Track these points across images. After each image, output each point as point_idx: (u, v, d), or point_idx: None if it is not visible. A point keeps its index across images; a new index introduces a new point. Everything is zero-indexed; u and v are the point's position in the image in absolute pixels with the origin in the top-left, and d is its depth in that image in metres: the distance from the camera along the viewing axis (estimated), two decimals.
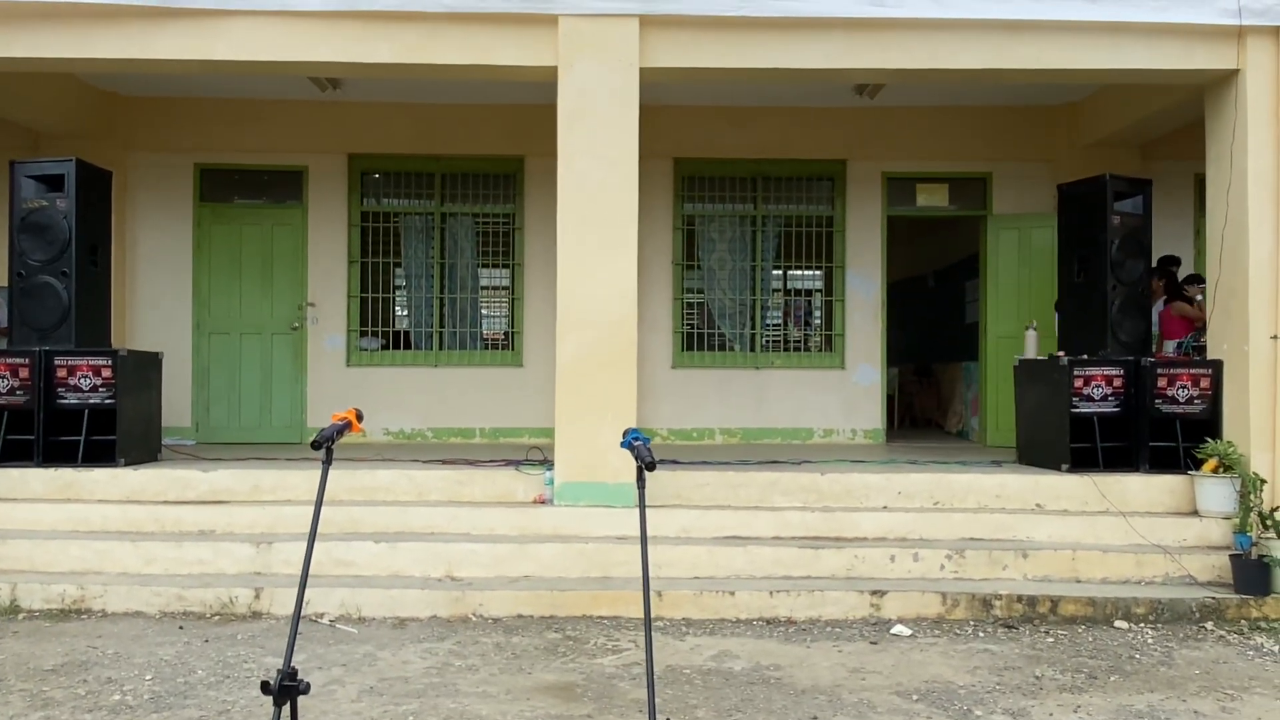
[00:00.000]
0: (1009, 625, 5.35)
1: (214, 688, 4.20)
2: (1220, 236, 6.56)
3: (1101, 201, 6.90)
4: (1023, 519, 6.18)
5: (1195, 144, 7.09)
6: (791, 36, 6.33)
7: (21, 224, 6.68)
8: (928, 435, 10.60)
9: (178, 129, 9.08)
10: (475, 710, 3.95)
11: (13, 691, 4.12)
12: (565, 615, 5.39)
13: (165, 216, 9.17)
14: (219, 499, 6.33)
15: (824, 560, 5.81)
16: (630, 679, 4.37)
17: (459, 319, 9.44)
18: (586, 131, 6.28)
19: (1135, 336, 6.99)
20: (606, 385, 6.21)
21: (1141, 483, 6.42)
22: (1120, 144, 8.82)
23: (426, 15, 6.23)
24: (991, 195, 9.38)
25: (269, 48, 6.30)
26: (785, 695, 4.18)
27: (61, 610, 5.40)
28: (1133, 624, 5.38)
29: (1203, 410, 6.65)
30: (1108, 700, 4.17)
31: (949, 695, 4.21)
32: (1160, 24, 6.28)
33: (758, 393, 9.30)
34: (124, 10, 6.19)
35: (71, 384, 6.55)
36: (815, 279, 9.86)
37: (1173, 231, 8.93)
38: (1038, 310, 8.64)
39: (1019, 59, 6.39)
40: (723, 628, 5.26)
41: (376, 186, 9.47)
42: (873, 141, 9.26)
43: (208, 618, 5.34)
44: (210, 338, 9.17)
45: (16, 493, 6.28)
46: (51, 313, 6.65)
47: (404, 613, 5.39)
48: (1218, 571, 5.84)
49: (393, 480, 6.42)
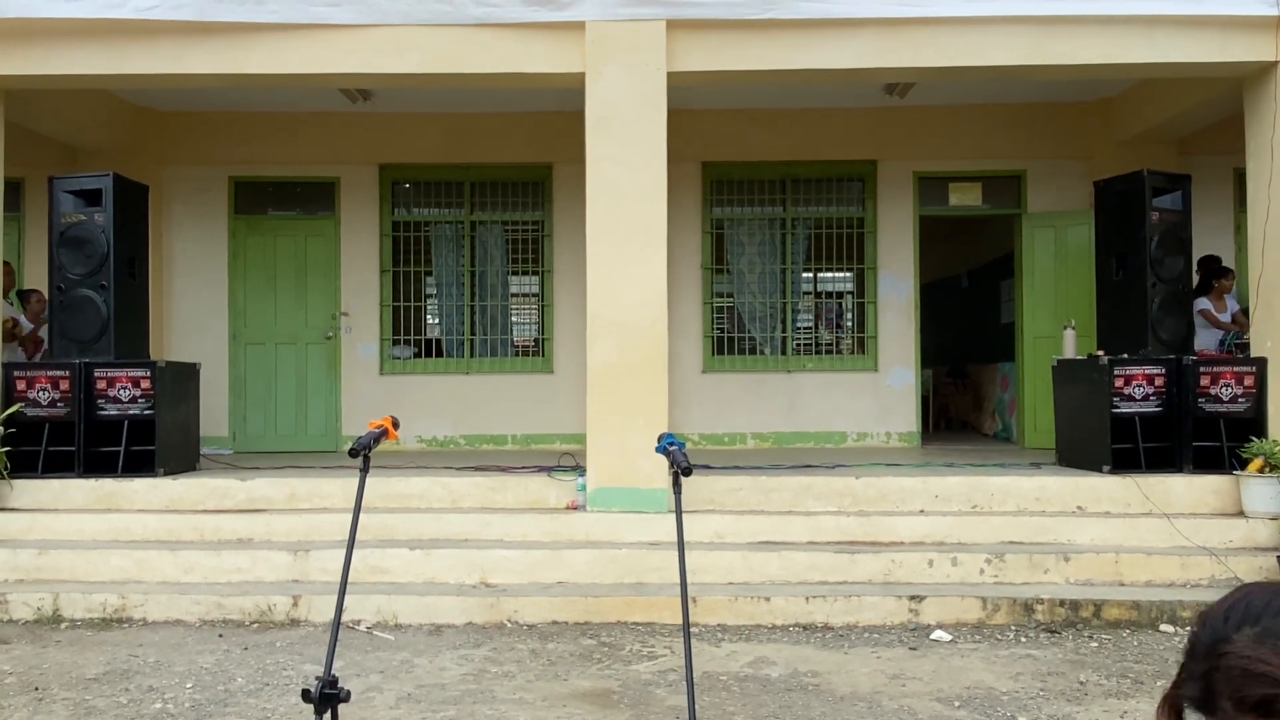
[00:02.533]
0: (1051, 630, 5.27)
1: (254, 695, 4.23)
2: (1262, 231, 6.43)
3: (1139, 198, 6.79)
4: (1063, 522, 6.09)
5: (1234, 138, 6.96)
6: (820, 37, 6.30)
7: (61, 238, 6.79)
8: (964, 438, 10.49)
9: (212, 143, 9.20)
10: (512, 716, 3.95)
11: (56, 700, 4.18)
12: (600, 621, 5.38)
13: (201, 229, 9.29)
14: (257, 507, 6.39)
15: (860, 565, 5.76)
16: (666, 686, 4.35)
17: (490, 326, 9.48)
18: (614, 137, 6.29)
19: (1176, 335, 6.87)
20: (637, 390, 6.20)
21: (1185, 483, 6.30)
22: (1157, 139, 8.68)
23: (454, 26, 6.27)
24: (1026, 193, 9.27)
25: (300, 60, 6.37)
26: (824, 702, 4.15)
27: (103, 619, 5.48)
28: (1179, 628, 5.27)
29: (1247, 409, 6.52)
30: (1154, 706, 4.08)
31: (992, 702, 4.15)
32: (1197, 15, 6.18)
33: (789, 396, 9.25)
34: (159, 26, 6.28)
35: (111, 395, 6.65)
36: (846, 281, 9.79)
37: (1212, 227, 8.77)
38: (1075, 309, 8.52)
39: (1054, 54, 6.32)
40: (758, 634, 5.23)
41: (407, 196, 9.55)
42: (903, 141, 9.19)
43: (246, 625, 5.39)
44: (246, 348, 9.28)
45: (58, 503, 6.38)
46: (91, 325, 6.75)
47: (439, 619, 5.41)
48: (1265, 573, 5.71)
49: (426, 487, 6.45)
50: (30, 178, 8.82)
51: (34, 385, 6.59)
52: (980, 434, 10.85)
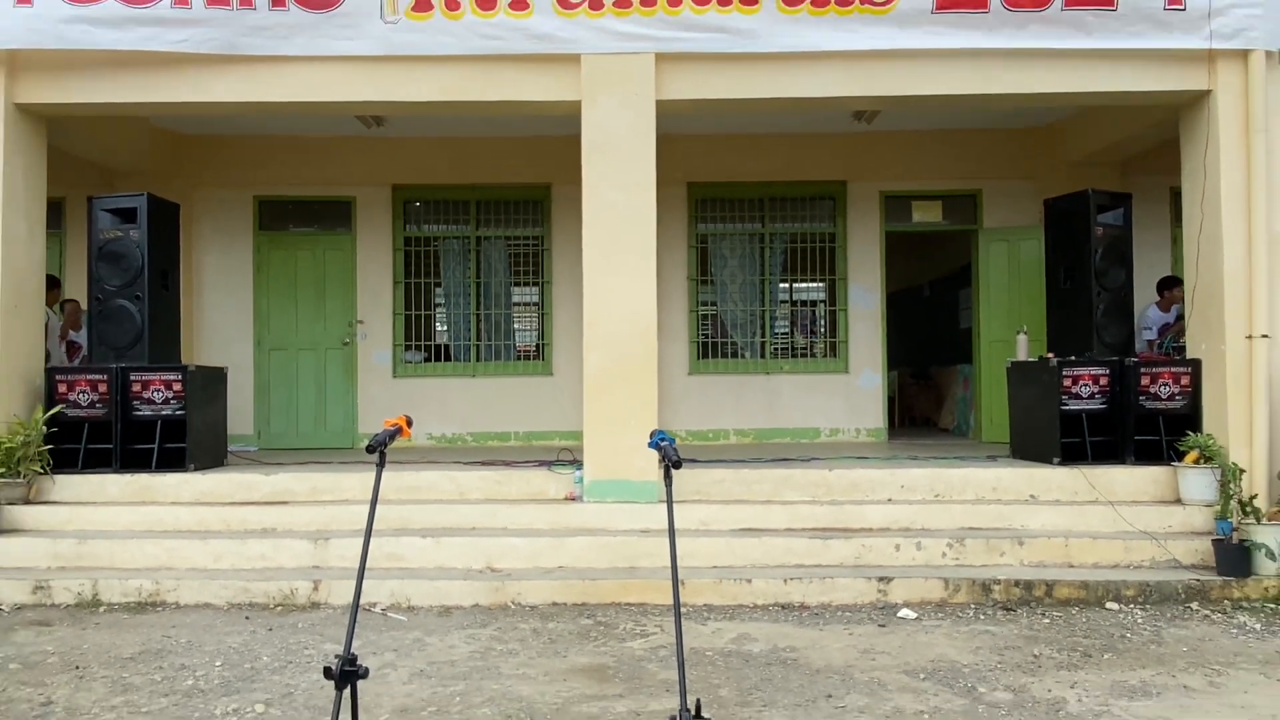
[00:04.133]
0: (1007, 608, 5.29)
1: (278, 672, 4.21)
2: (1196, 245, 6.47)
3: (1085, 214, 6.84)
4: (1018, 509, 6.11)
5: (1171, 160, 7.00)
6: (793, 69, 6.31)
7: (99, 253, 6.76)
8: (927, 433, 10.52)
9: (237, 165, 9.17)
10: (517, 690, 3.94)
11: (96, 678, 4.15)
12: (596, 603, 5.37)
13: (227, 244, 9.26)
14: (280, 500, 6.36)
15: (833, 550, 5.77)
16: (657, 661, 4.35)
17: (494, 333, 9.46)
18: (608, 161, 6.29)
19: (1119, 338, 6.91)
20: (630, 392, 6.20)
21: (1128, 474, 6.33)
22: (1101, 161, 8.73)
23: (461, 58, 6.26)
24: (982, 211, 9.31)
25: (319, 89, 6.35)
26: (801, 675, 4.15)
27: (139, 603, 5.44)
28: (1123, 605, 5.30)
29: (1184, 406, 6.56)
30: (1102, 676, 4.11)
31: (954, 673, 4.15)
32: (1138, 49, 6.21)
33: (768, 396, 9.25)
34: (187, 59, 6.25)
35: (145, 397, 6.61)
36: (819, 291, 9.80)
37: (1151, 241, 8.82)
38: (1027, 316, 8.55)
39: (1006, 84, 6.33)
40: (741, 613, 5.23)
41: (418, 214, 9.52)
42: (871, 164, 9.22)
43: (271, 608, 5.36)
44: (270, 353, 9.23)
45: (97, 497, 6.34)
46: (127, 333, 6.72)
47: (449, 602, 5.39)
48: (1201, 555, 5.74)
49: (436, 481, 6.43)
50: (70, 197, 8.79)
51: (74, 388, 6.55)
52: (941, 430, 10.88)
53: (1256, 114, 6.14)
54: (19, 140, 6.44)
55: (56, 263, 8.90)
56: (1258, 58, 6.14)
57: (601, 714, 3.68)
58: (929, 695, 3.87)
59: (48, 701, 3.86)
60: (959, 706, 3.74)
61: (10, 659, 4.45)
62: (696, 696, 3.79)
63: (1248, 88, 6.18)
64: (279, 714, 3.70)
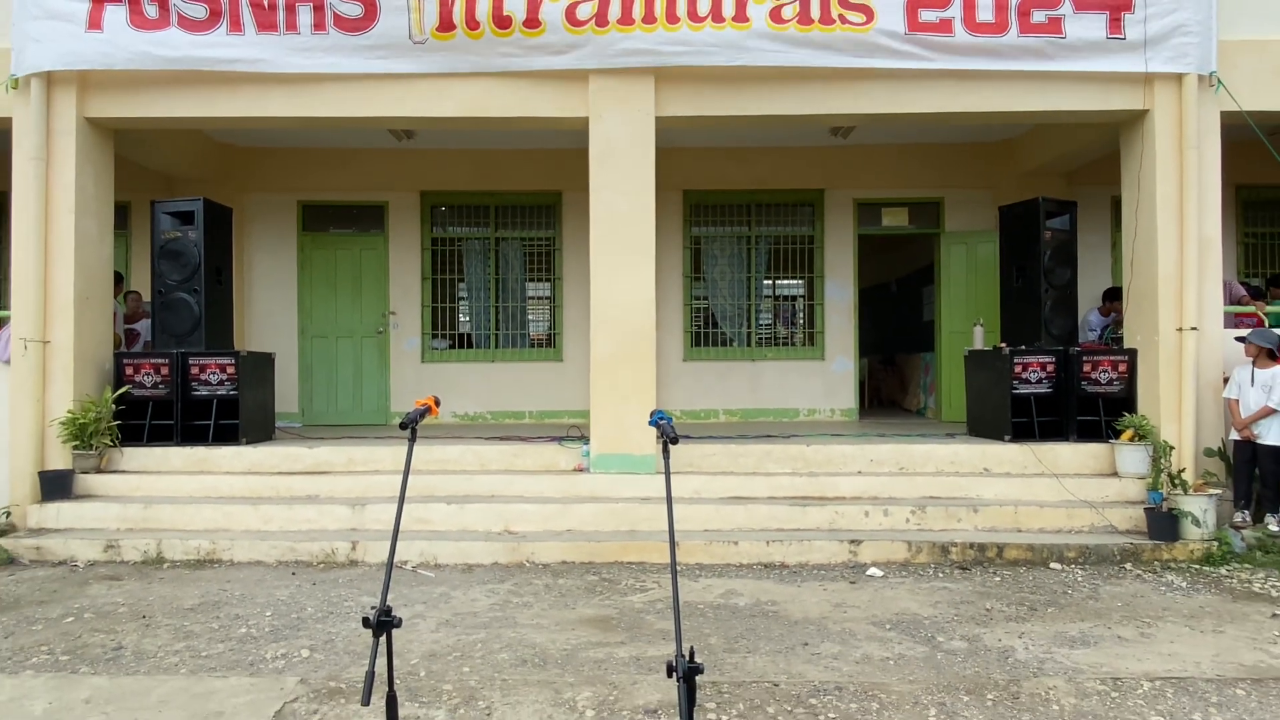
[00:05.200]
0: (963, 567, 5.31)
1: (321, 621, 4.24)
2: (1132, 248, 6.46)
3: (1035, 220, 6.82)
4: (973, 481, 6.12)
5: (1112, 171, 6.97)
6: (779, 88, 6.27)
7: (161, 251, 6.75)
8: (893, 414, 10.51)
9: (284, 174, 9.12)
10: (531, 638, 3.96)
11: (160, 626, 4.18)
12: (601, 562, 5.40)
13: (274, 243, 9.22)
14: (322, 470, 6.37)
15: (810, 516, 5.79)
16: (655, 613, 4.37)
17: (511, 323, 9.44)
18: (613, 170, 6.26)
19: (1064, 330, 6.91)
20: (631, 376, 6.20)
21: (1071, 450, 6.34)
22: (1050, 172, 8.69)
23: (482, 75, 6.22)
24: (944, 216, 9.27)
25: (357, 106, 6.32)
26: (781, 625, 4.17)
27: (198, 561, 5.47)
28: (1065, 565, 5.32)
29: (1121, 390, 6.56)
30: (1046, 628, 4.13)
31: (916, 624, 4.18)
32: (1083, 72, 6.17)
33: (753, 380, 9.25)
34: (241, 78, 6.22)
35: (203, 379, 6.61)
36: (799, 287, 9.77)
37: (1094, 244, 8.80)
38: (983, 310, 8.55)
39: (966, 103, 6.30)
40: (728, 571, 5.25)
41: (443, 217, 9.48)
42: (846, 174, 9.18)
43: (314, 565, 5.38)
44: (312, 341, 9.22)
45: (160, 467, 6.36)
46: (185, 322, 6.71)
47: (471, 560, 5.42)
48: (1135, 522, 5.77)
49: (460, 454, 6.44)
50: (135, 201, 8.75)
51: (140, 371, 6.55)
52: (906, 410, 10.88)
53: (1189, 131, 6.12)
54: (89, 150, 6.41)
55: (123, 260, 8.87)
56: (1190, 81, 6.11)
57: (606, 659, 3.70)
58: (894, 644, 3.89)
59: (119, 646, 3.89)
60: (920, 654, 3.77)
61: (85, 609, 4.47)
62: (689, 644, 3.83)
63: (1181, 108, 6.16)
64: (322, 658, 3.72)
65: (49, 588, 4.90)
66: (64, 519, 5.84)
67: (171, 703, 3.25)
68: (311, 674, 3.54)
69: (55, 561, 5.48)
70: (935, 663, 3.66)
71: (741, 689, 3.36)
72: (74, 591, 4.81)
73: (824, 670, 3.58)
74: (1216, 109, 6.17)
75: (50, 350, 6.21)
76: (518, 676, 3.51)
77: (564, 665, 3.63)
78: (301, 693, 3.34)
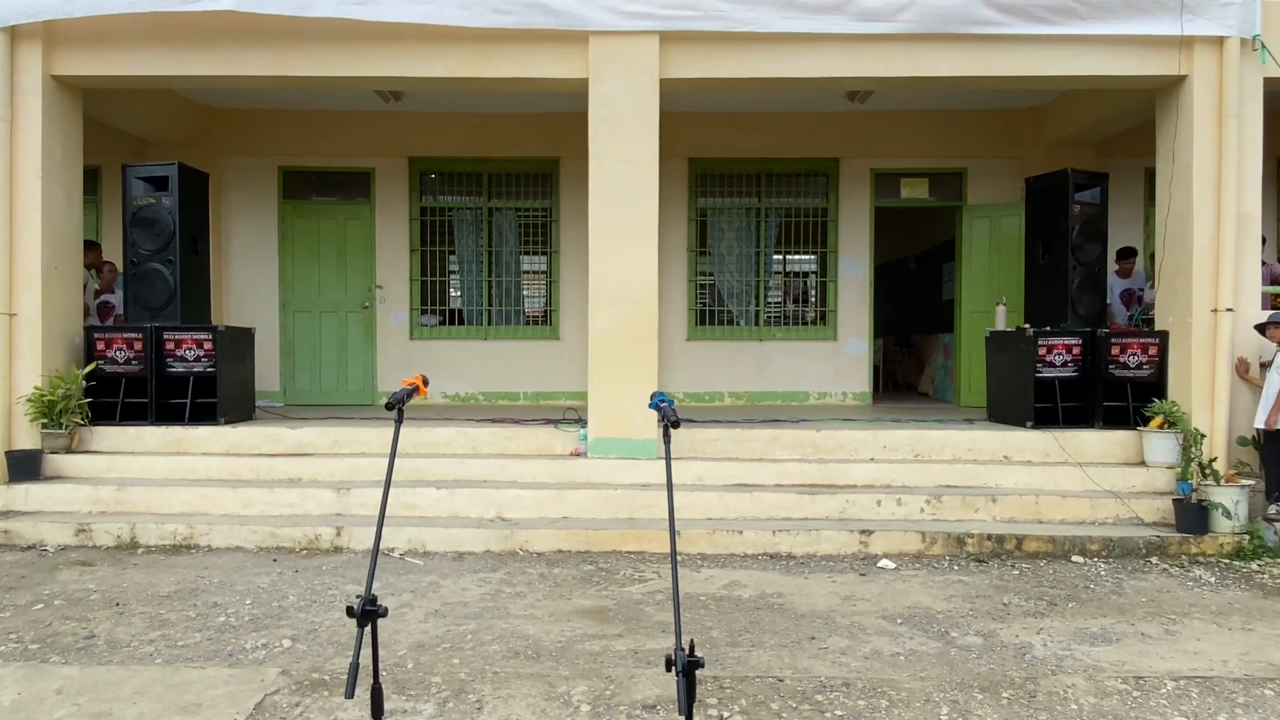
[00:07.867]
0: (980, 560, 5.33)
1: (304, 610, 4.26)
2: (1165, 223, 6.42)
3: (1063, 193, 6.78)
4: (992, 469, 6.13)
5: (1146, 142, 6.92)
6: (792, 50, 6.21)
7: (133, 219, 6.73)
8: (909, 398, 10.52)
9: (263, 137, 9.07)
10: (524, 630, 3.99)
11: (135, 614, 4.21)
12: (598, 551, 5.42)
13: (254, 212, 9.19)
14: (305, 452, 6.39)
15: (819, 504, 5.80)
16: (654, 604, 4.39)
17: (504, 299, 9.43)
18: (613, 136, 6.21)
19: (1092, 310, 6.89)
20: (631, 355, 6.19)
21: (1096, 437, 6.34)
22: (1080, 142, 8.63)
23: (475, 33, 6.15)
24: (966, 188, 9.22)
25: (340, 64, 6.26)
26: (787, 619, 4.19)
27: (174, 546, 5.50)
28: (1088, 559, 5.34)
29: (1150, 374, 6.56)
30: (1066, 624, 4.15)
31: (928, 619, 4.20)
32: (1116, 35, 6.11)
33: (761, 361, 9.25)
34: (216, 31, 6.16)
35: (179, 355, 6.62)
36: (811, 263, 9.75)
37: (1125, 219, 8.76)
38: (1006, 288, 8.52)
39: (991, 68, 6.24)
40: (732, 561, 5.28)
41: (433, 185, 9.44)
42: (862, 142, 9.12)
43: (297, 552, 5.41)
44: (294, 315, 9.22)
45: (134, 447, 6.38)
46: (160, 294, 6.70)
47: (462, 548, 5.44)
48: (1162, 514, 5.78)
49: (450, 436, 6.45)
50: (105, 166, 8.72)
51: (112, 345, 6.56)
52: (922, 394, 10.89)
53: (1230, 99, 6.06)
54: (57, 111, 6.36)
55: (93, 228, 8.86)
56: (1232, 44, 6.04)
57: (603, 652, 3.72)
58: (905, 639, 3.92)
59: (90, 635, 3.92)
60: (933, 649, 3.79)
61: (55, 595, 4.50)
62: (690, 637, 3.86)
63: (1222, 73, 6.09)
64: (304, 648, 3.75)
65: (17, 573, 4.93)
66: (33, 501, 5.87)
67: (146, 694, 3.28)
68: (293, 665, 3.56)
69: (24, 545, 5.51)
70: (948, 659, 3.69)
71: (744, 684, 3.38)
72: (43, 577, 4.84)
73: (831, 665, 3.60)
74: (1259, 75, 6.11)
75: (16, 323, 6.21)
76: (510, 669, 3.53)
77: (558, 658, 3.65)
78: (283, 684, 3.36)
